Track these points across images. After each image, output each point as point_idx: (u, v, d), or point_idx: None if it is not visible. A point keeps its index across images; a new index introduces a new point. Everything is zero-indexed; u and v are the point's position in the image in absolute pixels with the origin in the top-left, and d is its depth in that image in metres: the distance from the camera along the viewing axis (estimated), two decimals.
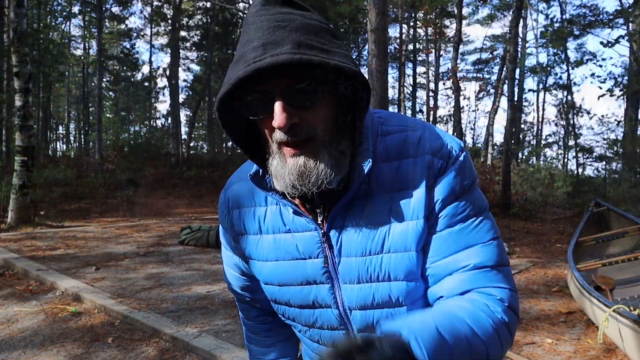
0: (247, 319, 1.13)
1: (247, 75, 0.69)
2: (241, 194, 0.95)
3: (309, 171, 0.76)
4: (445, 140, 0.84)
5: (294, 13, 0.75)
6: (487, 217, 0.84)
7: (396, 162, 0.83)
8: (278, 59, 0.68)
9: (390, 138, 0.85)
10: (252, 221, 0.93)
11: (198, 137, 37.94)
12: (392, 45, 23.44)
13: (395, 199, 0.82)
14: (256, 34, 0.72)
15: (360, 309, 0.86)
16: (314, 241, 0.86)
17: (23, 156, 8.31)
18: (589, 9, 15.42)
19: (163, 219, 10.07)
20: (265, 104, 0.74)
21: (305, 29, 0.73)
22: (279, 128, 0.73)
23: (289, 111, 0.73)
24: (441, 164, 0.81)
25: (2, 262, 5.31)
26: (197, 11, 24.96)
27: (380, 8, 6.75)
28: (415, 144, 0.83)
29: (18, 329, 3.42)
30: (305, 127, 0.75)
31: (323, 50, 0.72)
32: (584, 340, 3.24)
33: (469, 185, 0.83)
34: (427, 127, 0.86)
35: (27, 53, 8.33)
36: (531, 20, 27.93)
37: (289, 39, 0.71)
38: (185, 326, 3.36)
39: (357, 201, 0.83)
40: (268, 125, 0.77)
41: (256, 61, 0.69)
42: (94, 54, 24.28)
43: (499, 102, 19.70)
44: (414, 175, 0.81)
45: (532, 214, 11.55)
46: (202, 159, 21.79)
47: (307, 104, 0.74)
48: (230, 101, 0.77)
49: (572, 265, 4.12)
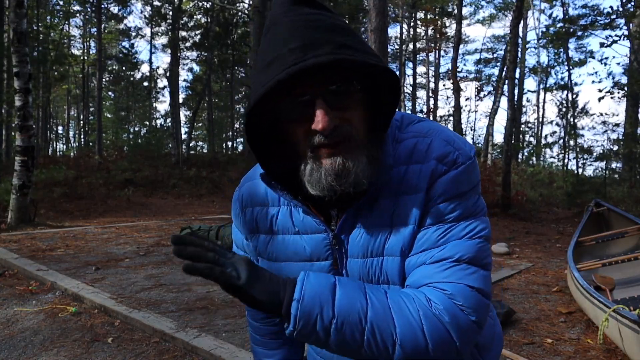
0: (254, 320, 1.12)
1: (288, 77, 0.67)
2: (255, 192, 0.95)
3: (348, 170, 0.75)
4: (455, 146, 0.82)
5: (322, 14, 0.74)
6: (477, 222, 0.82)
7: (404, 167, 0.82)
8: (322, 60, 0.67)
9: (402, 145, 0.84)
10: (265, 220, 0.92)
11: (198, 137, 37.96)
12: (392, 46, 23.45)
13: (398, 203, 0.82)
14: (291, 35, 0.71)
15: None
16: (323, 243, 0.86)
17: (23, 156, 8.30)
18: (591, 9, 15.43)
19: (163, 219, 10.07)
20: (303, 107, 0.73)
21: (338, 29, 0.72)
22: (321, 131, 0.72)
23: (330, 113, 0.72)
24: (444, 170, 0.80)
25: (2, 262, 5.31)
26: (197, 11, 24.97)
27: (380, 8, 6.75)
28: (424, 151, 0.83)
29: (18, 329, 3.42)
30: (345, 128, 0.74)
31: (359, 50, 0.71)
32: (584, 340, 3.24)
33: (465, 191, 0.82)
34: (439, 132, 0.85)
35: (27, 53, 8.33)
36: (533, 20, 27.93)
37: (328, 39, 0.70)
38: (185, 326, 3.36)
39: (366, 204, 0.83)
40: (304, 129, 0.75)
41: (298, 62, 0.67)
42: (93, 54, 24.28)
43: (499, 102, 19.70)
44: (418, 181, 0.81)
45: (532, 214, 11.54)
46: (202, 159, 21.78)
47: (345, 104, 0.74)
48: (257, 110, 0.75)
49: (572, 265, 4.12)
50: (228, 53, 23.69)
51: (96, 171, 16.62)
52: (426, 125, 0.87)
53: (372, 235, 0.83)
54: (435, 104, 26.90)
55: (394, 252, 0.82)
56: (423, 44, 27.38)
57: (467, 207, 0.82)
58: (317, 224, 0.85)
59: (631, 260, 4.28)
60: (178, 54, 23.05)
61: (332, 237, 0.85)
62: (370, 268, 0.83)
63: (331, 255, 0.86)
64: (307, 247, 0.87)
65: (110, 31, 27.51)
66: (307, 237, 0.87)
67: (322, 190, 0.77)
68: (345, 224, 0.84)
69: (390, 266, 0.82)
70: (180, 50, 24.28)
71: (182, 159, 20.24)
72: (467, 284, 0.76)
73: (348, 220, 0.84)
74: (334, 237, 0.85)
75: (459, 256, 0.78)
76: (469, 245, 0.79)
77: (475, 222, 0.82)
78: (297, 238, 0.88)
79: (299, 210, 0.87)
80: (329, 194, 0.77)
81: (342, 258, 0.85)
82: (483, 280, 0.78)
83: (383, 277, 0.83)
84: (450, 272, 0.77)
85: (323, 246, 0.86)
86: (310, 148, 0.76)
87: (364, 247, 0.83)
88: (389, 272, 0.83)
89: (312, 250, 0.86)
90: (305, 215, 0.86)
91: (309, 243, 0.87)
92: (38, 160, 15.64)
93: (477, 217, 0.83)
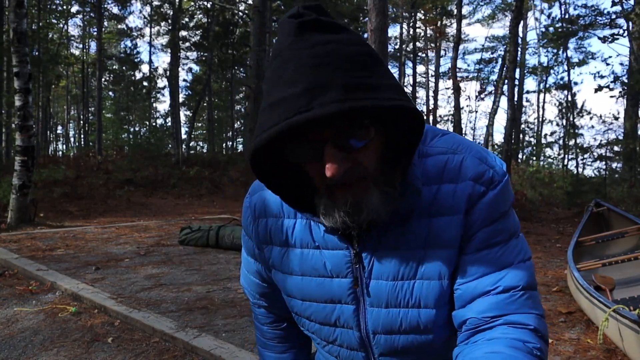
0: (262, 324, 1.10)
1: (290, 127, 0.63)
2: (268, 202, 0.91)
3: (360, 209, 0.73)
4: (488, 164, 0.80)
5: (332, 41, 0.66)
6: (519, 240, 0.82)
7: (436, 187, 0.79)
8: (327, 110, 0.61)
9: (430, 160, 0.81)
10: (280, 232, 0.90)
11: (198, 137, 37.96)
12: (392, 46, 23.44)
13: (433, 224, 0.79)
14: (297, 75, 0.65)
15: (385, 334, 0.84)
16: (344, 260, 0.83)
17: (23, 156, 8.30)
18: (590, 9, 15.44)
19: (163, 219, 10.07)
20: (313, 151, 0.70)
21: (350, 62, 0.66)
22: (331, 178, 0.68)
23: (340, 158, 0.68)
24: (482, 190, 0.78)
25: (2, 262, 5.31)
26: (197, 11, 24.97)
27: (380, 8, 6.75)
28: (457, 169, 0.79)
29: (18, 329, 3.42)
30: (357, 168, 0.71)
31: (372, 87, 0.65)
32: (584, 340, 3.24)
33: (506, 210, 0.81)
34: (470, 149, 0.82)
35: (27, 53, 8.33)
36: (532, 20, 27.94)
37: (335, 81, 0.63)
38: (185, 326, 3.36)
39: (393, 223, 0.80)
40: (316, 169, 0.72)
41: (302, 111, 0.62)
42: (93, 54, 24.29)
43: (499, 102, 19.72)
44: (453, 202, 0.79)
45: (532, 214, 11.54)
46: (202, 159, 21.78)
47: (359, 146, 0.70)
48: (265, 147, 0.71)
49: (572, 265, 4.12)
50: (228, 53, 23.69)
51: (96, 171, 16.62)
52: (453, 139, 0.84)
53: (403, 257, 0.80)
54: (435, 104, 26.91)
55: (430, 276, 0.80)
56: (423, 44, 27.38)
57: (510, 226, 0.82)
58: (339, 240, 0.83)
59: (631, 260, 4.28)
60: (178, 54, 23.05)
61: (354, 255, 0.83)
62: (400, 291, 0.81)
63: (351, 273, 0.84)
64: (328, 263, 0.85)
65: (110, 31, 27.51)
66: (327, 253, 0.85)
67: (335, 224, 0.75)
68: (368, 242, 0.82)
69: (425, 290, 0.80)
70: (180, 50, 24.27)
71: (182, 158, 20.24)
72: (537, 313, 0.78)
73: (373, 239, 0.81)
74: (355, 255, 0.83)
75: (523, 285, 0.79)
76: (525, 269, 0.80)
77: (519, 241, 0.82)
78: (316, 253, 0.86)
79: (320, 226, 0.84)
80: (342, 227, 0.75)
81: (361, 277, 0.83)
82: (539, 300, 0.82)
83: (414, 301, 0.81)
84: (521, 303, 0.78)
85: (344, 263, 0.83)
86: (324, 185, 0.74)
87: (394, 270, 0.81)
88: (422, 296, 0.81)
89: (332, 266, 0.84)
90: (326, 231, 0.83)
91: (330, 259, 0.84)
92: (38, 160, 15.64)
93: (519, 235, 0.83)
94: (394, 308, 0.82)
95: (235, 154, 25.09)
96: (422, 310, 0.81)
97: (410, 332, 0.83)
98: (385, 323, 0.83)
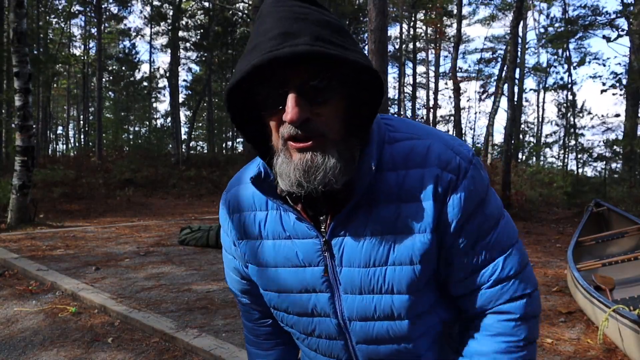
0: (248, 320, 1.11)
1: (262, 63, 0.66)
2: (242, 197, 0.93)
3: (316, 167, 0.73)
4: (455, 150, 0.81)
5: (311, 8, 0.72)
6: (505, 219, 0.84)
7: (403, 172, 0.80)
8: (296, 50, 0.65)
9: (397, 146, 0.82)
10: (253, 225, 0.90)
11: (198, 137, 37.97)
12: (392, 45, 23.45)
13: (402, 210, 0.80)
14: (274, 24, 0.69)
15: (360, 320, 0.85)
16: (315, 249, 0.84)
17: (23, 156, 8.30)
18: (590, 9, 15.43)
19: (163, 219, 10.07)
20: (277, 97, 0.72)
21: (324, 24, 0.71)
22: (290, 122, 0.70)
23: (302, 106, 0.70)
24: (450, 178, 0.79)
25: (2, 262, 5.31)
26: (197, 11, 24.97)
27: (380, 8, 6.75)
28: (423, 154, 0.80)
29: (18, 329, 3.42)
30: (317, 124, 0.72)
31: (340, 46, 0.69)
32: (584, 340, 3.24)
33: (483, 197, 0.81)
34: (436, 135, 0.83)
35: (27, 53, 8.33)
36: (532, 20, 27.94)
37: (308, 30, 0.68)
38: (185, 326, 3.36)
39: (361, 209, 0.80)
40: (277, 120, 0.74)
41: (273, 50, 0.66)
42: (93, 54, 24.28)
43: (498, 102, 19.72)
44: (422, 187, 0.79)
45: (532, 213, 11.54)
46: (202, 159, 21.78)
47: (321, 100, 0.72)
48: (240, 93, 0.75)
49: (572, 265, 4.12)
50: (228, 53, 23.69)
51: (96, 171, 16.62)
52: (420, 126, 0.86)
53: (374, 243, 0.80)
54: (435, 104, 26.90)
55: (402, 261, 0.80)
56: (423, 44, 27.38)
57: (494, 210, 0.83)
58: (308, 228, 0.83)
59: (631, 260, 4.29)
60: (178, 54, 23.05)
61: (323, 243, 0.83)
62: (373, 278, 0.81)
63: (322, 261, 0.84)
64: (300, 253, 0.85)
65: (110, 31, 27.51)
66: (298, 242, 0.85)
67: (292, 186, 0.75)
68: (335, 229, 0.82)
69: (398, 275, 0.80)
70: (180, 50, 24.28)
71: (182, 159, 20.24)
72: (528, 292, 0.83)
73: (339, 226, 0.81)
74: (325, 243, 0.83)
75: (515, 271, 0.83)
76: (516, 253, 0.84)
77: (505, 221, 0.84)
78: (288, 243, 0.86)
79: (290, 215, 0.85)
80: (297, 189, 0.75)
81: (333, 265, 0.84)
82: (531, 274, 0.86)
83: (387, 287, 0.81)
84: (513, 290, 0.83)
85: (314, 252, 0.84)
86: (282, 139, 0.74)
87: (365, 256, 0.81)
88: (395, 282, 0.80)
89: (304, 255, 0.85)
90: (296, 220, 0.85)
91: (301, 248, 0.85)
92: (38, 160, 15.64)
93: (503, 215, 0.85)
94: (367, 294, 0.83)
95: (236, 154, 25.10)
96: (395, 297, 0.82)
97: (384, 319, 0.84)
98: (359, 309, 0.84)
